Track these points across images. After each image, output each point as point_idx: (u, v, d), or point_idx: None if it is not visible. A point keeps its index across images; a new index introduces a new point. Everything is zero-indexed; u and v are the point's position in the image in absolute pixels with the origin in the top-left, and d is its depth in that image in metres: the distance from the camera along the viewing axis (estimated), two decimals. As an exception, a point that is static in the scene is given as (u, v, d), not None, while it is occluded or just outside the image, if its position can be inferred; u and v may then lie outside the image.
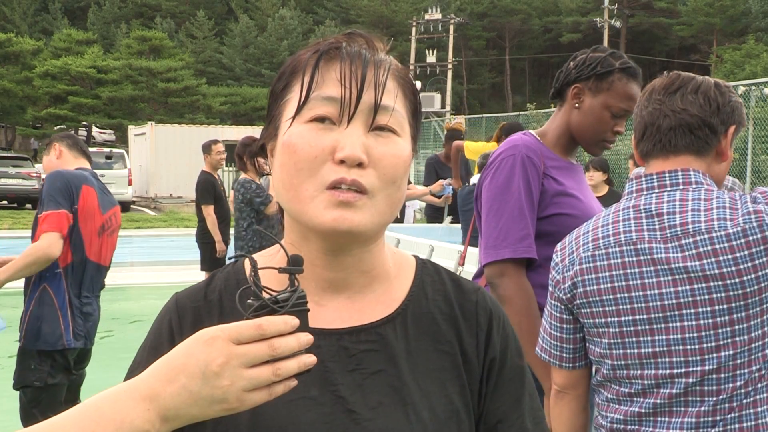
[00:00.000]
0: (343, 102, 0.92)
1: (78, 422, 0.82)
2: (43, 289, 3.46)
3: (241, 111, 44.41)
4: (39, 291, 3.46)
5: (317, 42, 0.98)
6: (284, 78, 0.98)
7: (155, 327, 1.03)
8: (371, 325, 0.99)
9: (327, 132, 0.92)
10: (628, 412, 1.69)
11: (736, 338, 1.59)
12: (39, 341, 3.45)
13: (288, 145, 0.94)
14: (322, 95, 0.93)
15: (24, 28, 51.91)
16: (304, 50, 0.99)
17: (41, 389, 3.46)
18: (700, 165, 1.70)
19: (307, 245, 0.97)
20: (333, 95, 0.93)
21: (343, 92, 0.92)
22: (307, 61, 0.96)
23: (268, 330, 0.80)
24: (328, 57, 0.95)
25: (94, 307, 3.65)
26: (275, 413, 0.93)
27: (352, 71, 0.92)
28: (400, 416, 0.95)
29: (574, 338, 1.81)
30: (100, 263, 3.65)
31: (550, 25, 56.31)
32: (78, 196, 3.45)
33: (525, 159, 2.24)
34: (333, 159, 0.91)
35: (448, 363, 1.01)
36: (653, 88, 1.75)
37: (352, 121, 0.92)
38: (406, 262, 1.07)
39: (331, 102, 0.93)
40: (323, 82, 0.93)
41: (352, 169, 0.91)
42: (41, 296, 3.46)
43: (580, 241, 1.77)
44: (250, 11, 59.28)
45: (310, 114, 0.93)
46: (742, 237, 1.57)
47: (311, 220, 0.92)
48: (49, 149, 3.75)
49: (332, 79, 0.93)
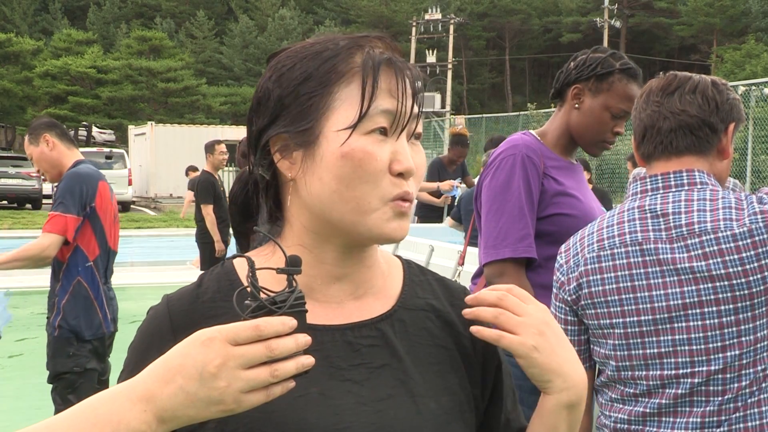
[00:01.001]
0: (399, 115, 0.94)
1: (74, 423, 0.81)
2: (77, 282, 3.58)
3: (241, 111, 44.39)
4: (73, 285, 3.57)
5: (353, 43, 0.96)
6: (316, 77, 0.95)
7: (144, 328, 1.01)
8: (371, 320, 1.00)
9: (384, 144, 0.94)
10: (633, 412, 1.69)
11: (742, 338, 1.59)
12: (81, 331, 3.59)
13: (351, 156, 0.92)
14: (380, 108, 0.93)
15: (24, 28, 51.93)
16: (330, 51, 0.96)
17: (79, 374, 3.59)
18: (703, 164, 1.70)
19: (324, 246, 0.98)
20: (390, 108, 0.94)
21: (398, 106, 0.94)
22: (353, 70, 0.94)
23: (265, 331, 0.79)
24: (384, 66, 0.94)
25: (114, 293, 3.84)
26: (287, 409, 0.92)
27: (403, 84, 0.95)
28: (410, 407, 0.96)
29: (579, 340, 1.81)
30: (116, 250, 3.83)
31: (550, 25, 56.32)
32: (95, 194, 3.57)
33: (525, 158, 2.24)
34: (390, 170, 0.94)
35: (446, 357, 1.02)
36: (650, 90, 1.74)
37: (403, 133, 0.95)
38: (393, 260, 1.09)
39: (387, 115, 0.94)
40: (379, 93, 0.94)
41: (406, 181, 0.94)
42: (76, 289, 3.58)
43: (585, 242, 1.76)
44: (249, 11, 59.30)
45: (372, 126, 0.93)
46: (749, 237, 1.57)
47: (371, 230, 0.94)
48: (38, 139, 3.62)
49: (384, 90, 0.94)
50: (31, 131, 3.65)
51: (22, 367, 6.42)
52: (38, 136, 3.61)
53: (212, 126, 31.25)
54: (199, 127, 29.10)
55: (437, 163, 8.14)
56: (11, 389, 4.49)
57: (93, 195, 3.55)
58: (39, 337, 7.48)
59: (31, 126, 3.69)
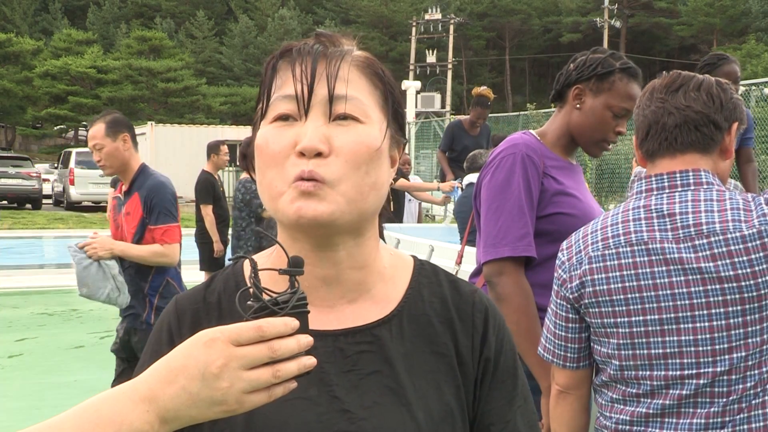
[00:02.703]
0: (298, 97, 0.94)
1: (77, 423, 0.81)
2: (167, 282, 3.88)
3: (241, 111, 44.43)
4: (163, 284, 3.88)
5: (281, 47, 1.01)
6: (259, 88, 1.01)
7: (155, 329, 1.04)
8: (367, 326, 0.99)
9: (289, 128, 0.95)
10: (635, 413, 1.68)
11: (748, 340, 1.58)
12: None
13: (257, 146, 0.97)
14: (281, 95, 0.96)
15: (24, 28, 51.94)
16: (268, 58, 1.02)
17: None
18: (707, 163, 1.69)
19: (296, 244, 0.98)
20: (290, 93, 0.95)
21: (296, 88, 0.95)
22: (266, 67, 0.99)
23: (267, 332, 0.80)
24: (285, 59, 0.98)
25: None
26: (271, 413, 0.93)
27: (302, 67, 0.95)
28: (395, 416, 0.95)
29: (580, 338, 1.80)
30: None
31: (550, 25, 56.35)
32: (176, 201, 3.92)
33: (525, 157, 2.24)
34: (295, 153, 0.94)
35: (444, 365, 1.01)
36: (654, 88, 1.74)
37: (309, 114, 0.94)
38: (403, 263, 1.07)
39: (289, 100, 0.95)
40: (282, 83, 0.97)
41: (312, 160, 0.92)
42: (167, 288, 3.89)
43: (588, 240, 1.75)
44: (249, 11, 59.31)
45: (273, 114, 0.96)
46: (758, 239, 1.56)
47: (282, 214, 0.94)
48: (117, 136, 3.75)
49: (289, 78, 0.96)
50: (112, 125, 3.76)
51: (22, 367, 6.43)
52: (118, 132, 3.76)
53: (212, 126, 31.22)
54: (199, 127, 29.08)
55: (455, 126, 7.74)
56: (11, 389, 4.50)
57: (177, 203, 3.89)
58: (39, 337, 7.51)
59: (112, 120, 3.79)
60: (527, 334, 2.13)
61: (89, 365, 6.52)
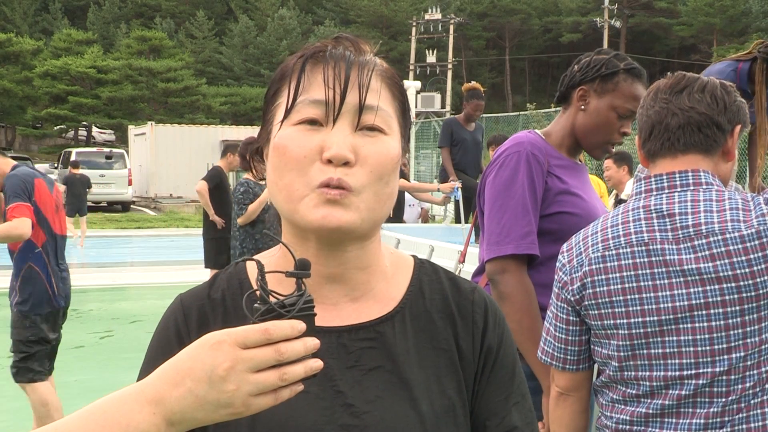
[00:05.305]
0: (328, 103, 0.94)
1: (83, 425, 0.82)
2: (29, 267, 4.23)
3: (241, 111, 44.43)
4: (25, 269, 4.23)
5: (305, 48, 1.00)
6: (274, 84, 1.01)
7: (161, 327, 1.04)
8: (370, 323, 1.01)
9: (315, 133, 0.95)
10: (635, 413, 1.68)
11: (747, 340, 1.59)
12: (36, 308, 4.26)
13: (278, 147, 0.96)
14: (309, 99, 0.96)
15: (24, 28, 51.90)
16: (291, 56, 1.01)
17: (34, 342, 4.27)
18: (708, 164, 1.70)
19: (305, 244, 0.99)
20: (319, 98, 0.95)
21: (327, 94, 0.94)
22: (293, 67, 0.99)
23: (274, 334, 0.80)
24: (314, 61, 0.97)
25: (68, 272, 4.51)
26: (275, 407, 0.93)
27: (335, 73, 0.95)
28: (398, 409, 0.97)
29: (580, 340, 1.80)
30: (64, 234, 4.48)
31: (550, 25, 56.32)
32: (34, 189, 4.19)
33: (530, 156, 2.24)
34: (321, 159, 0.93)
35: (445, 360, 1.02)
36: (658, 88, 1.74)
37: (337, 122, 0.95)
38: (403, 262, 1.09)
39: (317, 105, 0.95)
40: (310, 85, 0.96)
41: (339, 168, 0.93)
42: (27, 273, 4.24)
43: (589, 241, 1.76)
44: (249, 11, 59.28)
45: (299, 117, 0.96)
46: (756, 239, 1.57)
47: (303, 218, 0.94)
48: None
49: (318, 82, 0.96)
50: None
51: (22, 368, 6.41)
52: None
53: (212, 126, 31.22)
54: (199, 127, 29.07)
55: (451, 123, 7.54)
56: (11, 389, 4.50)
57: (32, 190, 4.17)
58: (39, 338, 7.51)
59: None
60: (529, 333, 2.13)
61: (89, 365, 6.53)
